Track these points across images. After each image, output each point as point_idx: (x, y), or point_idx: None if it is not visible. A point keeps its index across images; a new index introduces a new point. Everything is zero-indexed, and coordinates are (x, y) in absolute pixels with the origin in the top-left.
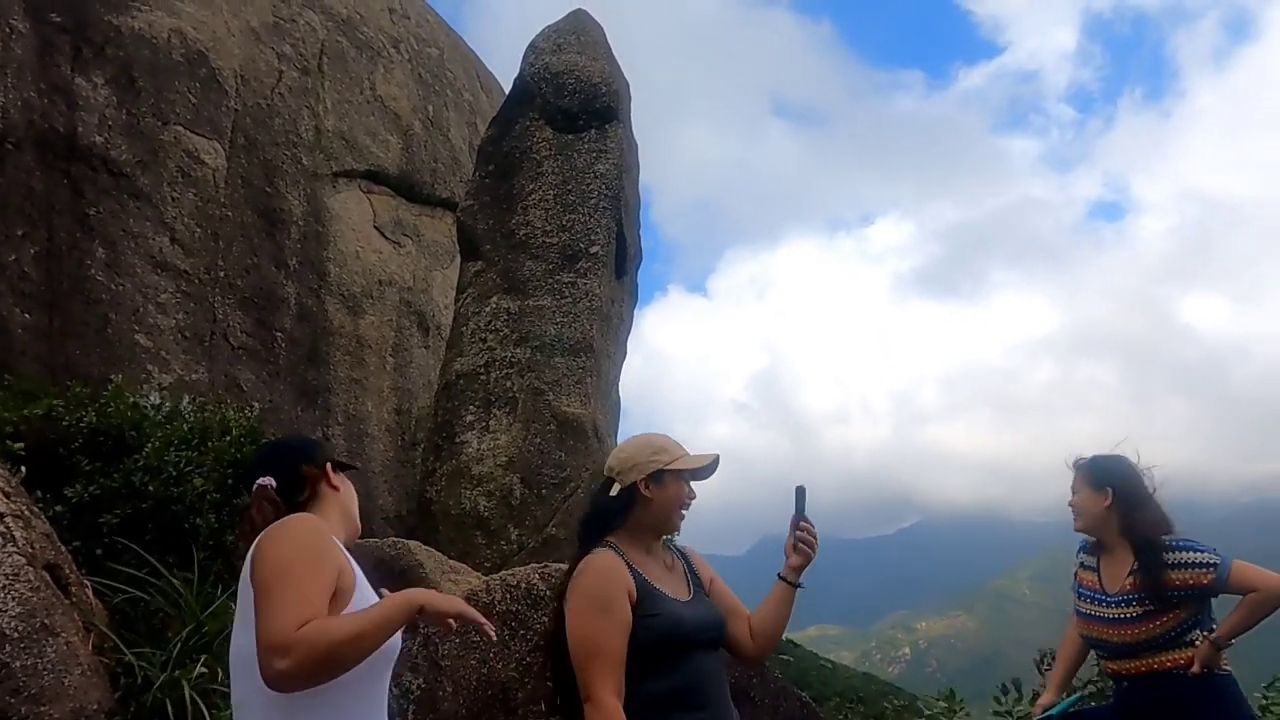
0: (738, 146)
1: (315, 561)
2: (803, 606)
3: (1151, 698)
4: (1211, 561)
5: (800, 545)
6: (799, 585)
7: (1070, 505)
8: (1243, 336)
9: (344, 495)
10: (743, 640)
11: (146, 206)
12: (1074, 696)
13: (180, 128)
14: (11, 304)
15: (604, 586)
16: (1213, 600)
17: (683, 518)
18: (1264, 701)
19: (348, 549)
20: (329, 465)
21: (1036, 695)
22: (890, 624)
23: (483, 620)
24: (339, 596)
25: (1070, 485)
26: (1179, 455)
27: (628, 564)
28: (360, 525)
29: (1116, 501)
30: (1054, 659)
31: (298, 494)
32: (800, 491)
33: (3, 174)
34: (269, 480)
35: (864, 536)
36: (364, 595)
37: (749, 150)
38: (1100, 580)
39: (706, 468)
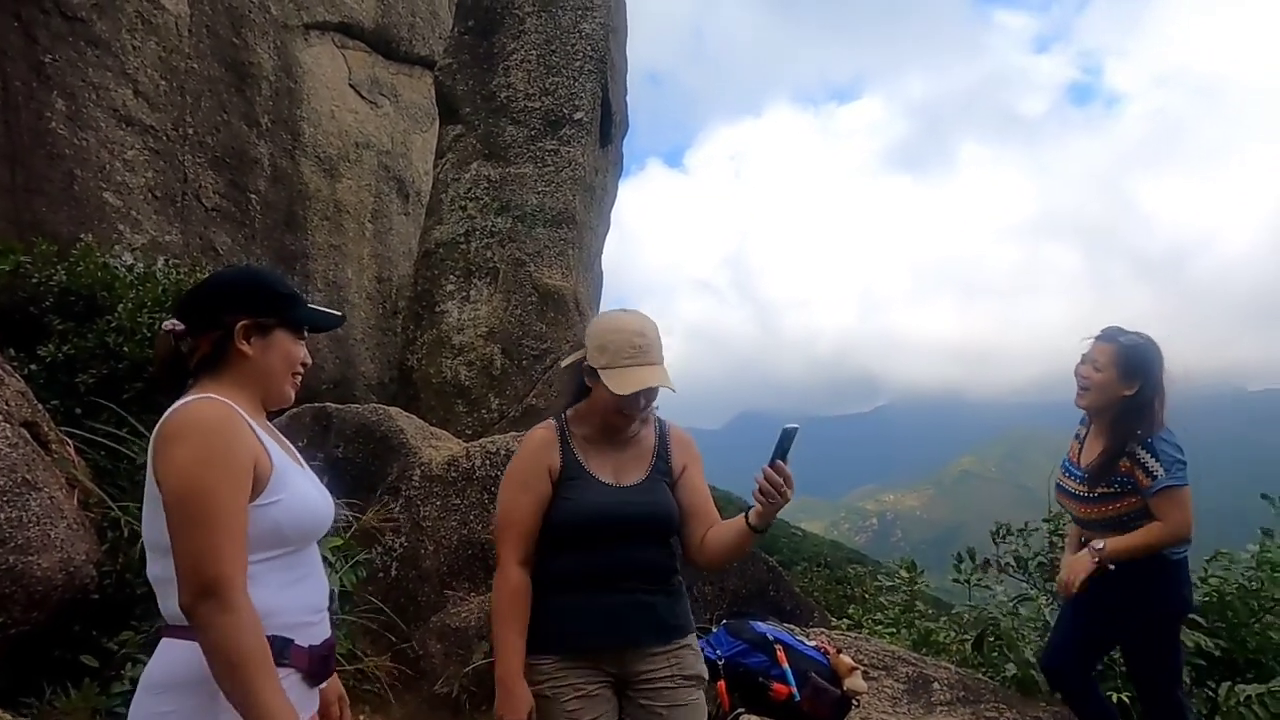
0: (691, 12)
1: (226, 475)
2: None
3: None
4: (1156, 473)
5: (769, 490)
6: (761, 532)
7: (1082, 376)
8: (1206, 225)
9: (261, 361)
10: (692, 545)
11: (106, 55)
12: None
13: None
14: None
15: (524, 462)
16: None
17: (625, 420)
18: (1203, 573)
19: (270, 413)
20: (246, 323)
21: (988, 563)
22: (859, 496)
23: None
24: (256, 484)
25: (1089, 355)
26: None
27: (565, 440)
28: (290, 391)
29: (1138, 396)
30: (1008, 531)
31: (203, 356)
32: (787, 434)
33: None
34: (174, 325)
35: (837, 414)
36: (284, 473)
37: (704, 19)
38: (1080, 454)
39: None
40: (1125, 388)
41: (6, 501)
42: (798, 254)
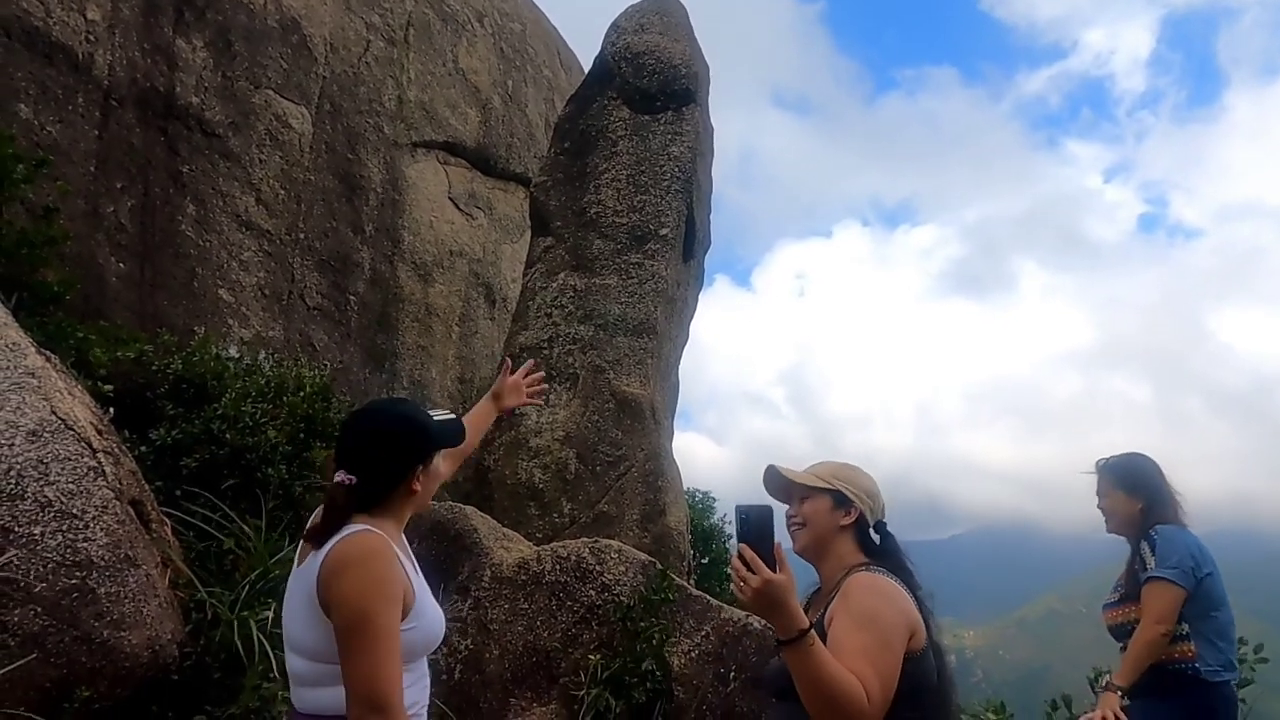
0: (742, 137)
1: (389, 604)
2: None
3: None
4: (1149, 564)
5: (734, 579)
6: (790, 640)
7: (1100, 508)
8: None
9: (422, 495)
10: None
11: (235, 167)
12: None
13: (271, 92)
14: (108, 253)
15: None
16: (1206, 596)
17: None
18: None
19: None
20: (419, 467)
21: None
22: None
23: None
24: (403, 611)
25: (1098, 489)
26: (1224, 480)
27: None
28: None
29: (1147, 507)
30: (1108, 674)
31: (374, 500)
32: (744, 513)
33: (106, 130)
34: (349, 480)
35: (906, 540)
36: (420, 600)
37: (751, 142)
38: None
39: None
40: (1133, 503)
41: (109, 576)
42: (856, 372)
